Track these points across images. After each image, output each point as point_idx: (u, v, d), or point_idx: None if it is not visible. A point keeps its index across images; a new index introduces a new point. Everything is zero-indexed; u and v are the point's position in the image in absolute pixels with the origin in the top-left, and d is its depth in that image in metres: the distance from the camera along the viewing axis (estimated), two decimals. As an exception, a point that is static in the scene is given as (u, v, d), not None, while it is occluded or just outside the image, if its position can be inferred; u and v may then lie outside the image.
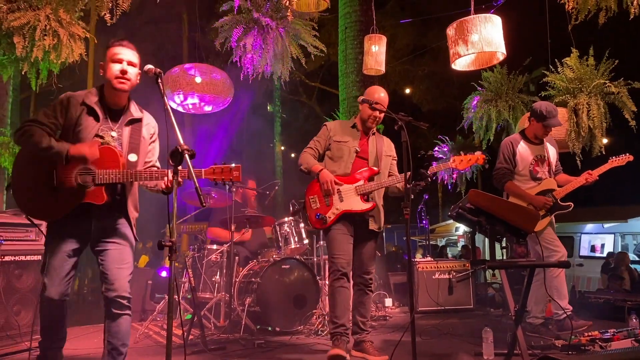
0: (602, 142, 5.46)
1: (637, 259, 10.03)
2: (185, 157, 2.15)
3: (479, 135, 6.83)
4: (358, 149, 3.54)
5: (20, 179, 2.51)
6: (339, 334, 3.31)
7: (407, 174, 2.90)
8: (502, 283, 2.94)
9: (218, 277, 4.67)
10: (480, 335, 3.26)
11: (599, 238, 11.17)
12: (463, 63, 4.21)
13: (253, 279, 4.38)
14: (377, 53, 5.93)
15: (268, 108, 17.67)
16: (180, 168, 2.25)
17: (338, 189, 3.41)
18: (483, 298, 6.26)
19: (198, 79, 5.91)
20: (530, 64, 7.25)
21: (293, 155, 18.31)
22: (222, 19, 5.53)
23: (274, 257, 4.63)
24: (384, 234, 4.04)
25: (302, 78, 16.85)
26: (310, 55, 5.96)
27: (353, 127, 3.62)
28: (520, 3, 8.64)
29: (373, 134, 3.64)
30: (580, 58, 5.33)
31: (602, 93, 5.26)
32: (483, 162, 3.44)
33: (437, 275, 5.62)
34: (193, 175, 2.21)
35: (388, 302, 5.91)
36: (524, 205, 3.69)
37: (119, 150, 2.52)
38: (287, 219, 4.89)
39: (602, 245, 11.09)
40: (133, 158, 2.58)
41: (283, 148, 17.35)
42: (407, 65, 15.63)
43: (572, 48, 5.35)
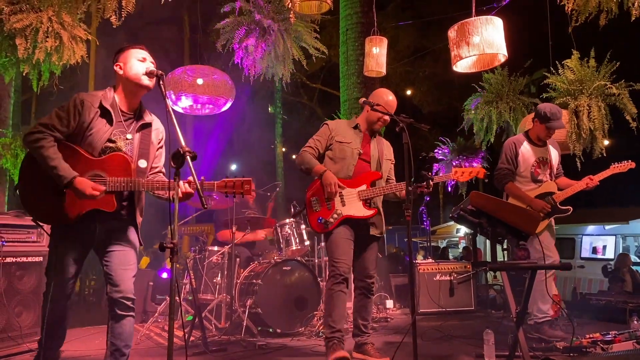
0: (602, 143, 5.44)
1: (638, 261, 10.01)
2: (187, 159, 2.15)
3: (480, 137, 6.83)
4: (361, 151, 3.47)
5: (28, 182, 2.47)
6: (337, 340, 3.23)
7: (408, 175, 2.89)
8: (503, 285, 2.94)
9: (219, 278, 4.68)
10: (482, 337, 3.25)
11: (601, 240, 11.14)
12: (464, 65, 4.20)
13: (254, 281, 4.38)
14: (378, 55, 5.93)
15: (269, 109, 17.69)
16: (190, 179, 2.31)
17: (340, 192, 3.34)
18: (484, 300, 6.25)
19: (199, 81, 5.92)
20: (531, 66, 7.23)
21: (294, 157, 18.29)
22: (223, 21, 5.54)
23: (275, 258, 4.62)
24: (385, 236, 4.03)
25: (303, 79, 16.89)
26: (312, 57, 5.97)
27: (355, 127, 3.54)
28: (522, 5, 8.63)
29: (374, 137, 3.60)
30: (581, 60, 5.33)
31: (603, 95, 5.25)
32: (483, 176, 3.50)
33: (438, 277, 5.61)
34: (194, 175, 2.21)
35: (389, 303, 5.90)
36: (525, 207, 3.69)
37: (130, 157, 2.51)
38: (288, 221, 4.89)
39: (603, 247, 11.06)
40: (143, 164, 2.58)
41: (284, 149, 17.36)
42: (408, 67, 15.66)
43: (573, 50, 5.35)
